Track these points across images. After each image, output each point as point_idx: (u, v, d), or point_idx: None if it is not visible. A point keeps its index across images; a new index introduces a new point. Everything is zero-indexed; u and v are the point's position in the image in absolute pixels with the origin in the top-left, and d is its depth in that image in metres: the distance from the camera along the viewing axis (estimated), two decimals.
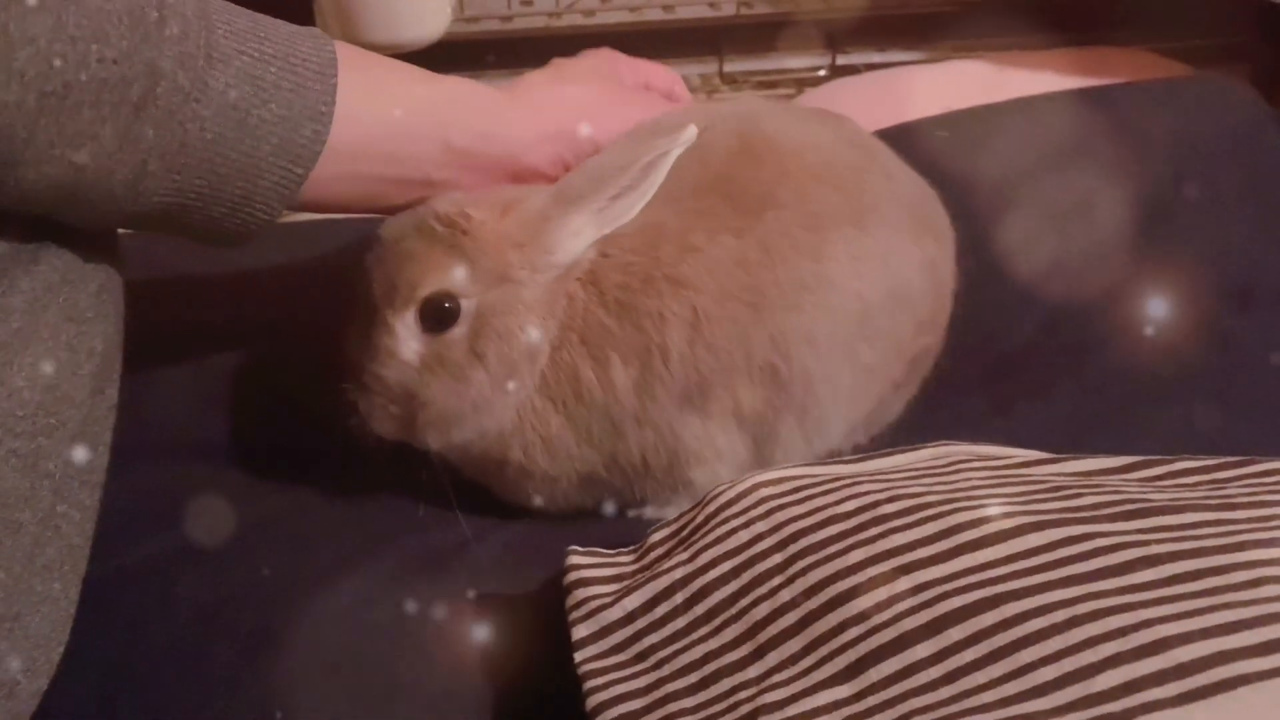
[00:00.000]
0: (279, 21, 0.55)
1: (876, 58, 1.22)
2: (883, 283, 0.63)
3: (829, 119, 0.71)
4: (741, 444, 0.64)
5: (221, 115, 0.51)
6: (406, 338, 0.60)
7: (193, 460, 0.71)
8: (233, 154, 0.52)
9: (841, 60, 1.21)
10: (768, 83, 1.17)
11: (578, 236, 0.61)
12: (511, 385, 0.61)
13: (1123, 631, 0.41)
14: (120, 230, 0.58)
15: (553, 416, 0.62)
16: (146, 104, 0.49)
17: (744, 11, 1.18)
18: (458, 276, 0.60)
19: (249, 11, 0.54)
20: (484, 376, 0.61)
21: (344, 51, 0.57)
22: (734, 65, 1.17)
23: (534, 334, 0.61)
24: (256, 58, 0.52)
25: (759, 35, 1.19)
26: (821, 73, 1.21)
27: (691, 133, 0.60)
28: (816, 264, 0.62)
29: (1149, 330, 0.79)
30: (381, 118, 0.58)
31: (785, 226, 0.61)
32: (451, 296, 0.60)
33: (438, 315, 0.60)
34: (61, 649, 0.56)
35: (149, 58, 0.48)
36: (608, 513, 0.67)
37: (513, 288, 0.60)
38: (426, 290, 0.60)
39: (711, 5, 1.20)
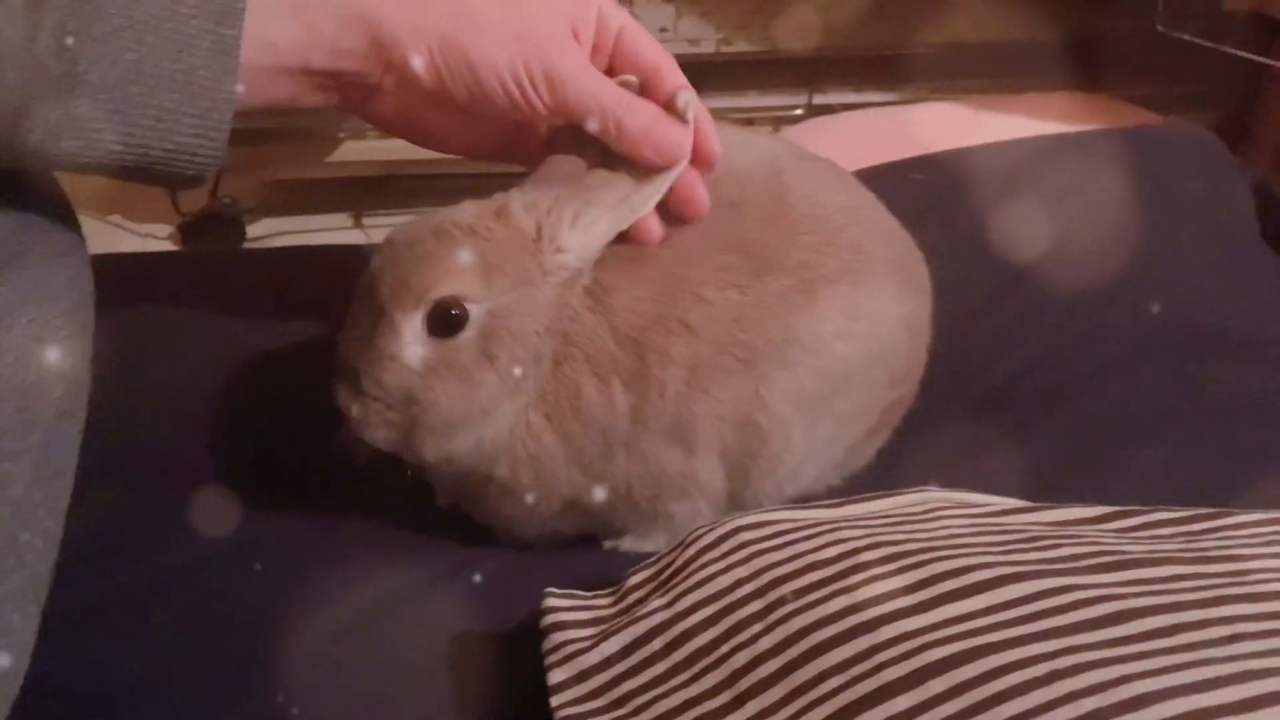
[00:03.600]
0: None
1: (852, 97, 1.24)
2: (867, 344, 0.65)
3: (838, 179, 0.72)
4: (720, 484, 0.65)
5: None
6: (411, 341, 0.59)
7: (166, 487, 0.69)
8: (151, 17, 0.50)
9: (818, 99, 1.23)
10: (746, 120, 1.18)
11: (589, 231, 0.61)
12: (519, 388, 0.61)
13: (1103, 686, 0.41)
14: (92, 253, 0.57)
15: (547, 433, 0.62)
16: None
17: (724, 49, 1.20)
18: (473, 281, 0.59)
19: None
20: (494, 379, 0.60)
21: None
22: (713, 102, 1.18)
23: (545, 336, 0.61)
24: None
25: (738, 73, 1.21)
26: (798, 111, 1.23)
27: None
28: (807, 321, 0.63)
29: (1122, 374, 0.81)
30: None
31: (782, 289, 0.63)
32: (459, 303, 0.59)
33: (445, 320, 0.59)
34: (19, 683, 0.54)
35: None
36: (585, 542, 0.67)
37: (528, 290, 0.60)
38: (440, 292, 0.58)
39: (692, 42, 1.21)
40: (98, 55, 0.50)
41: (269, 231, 1.13)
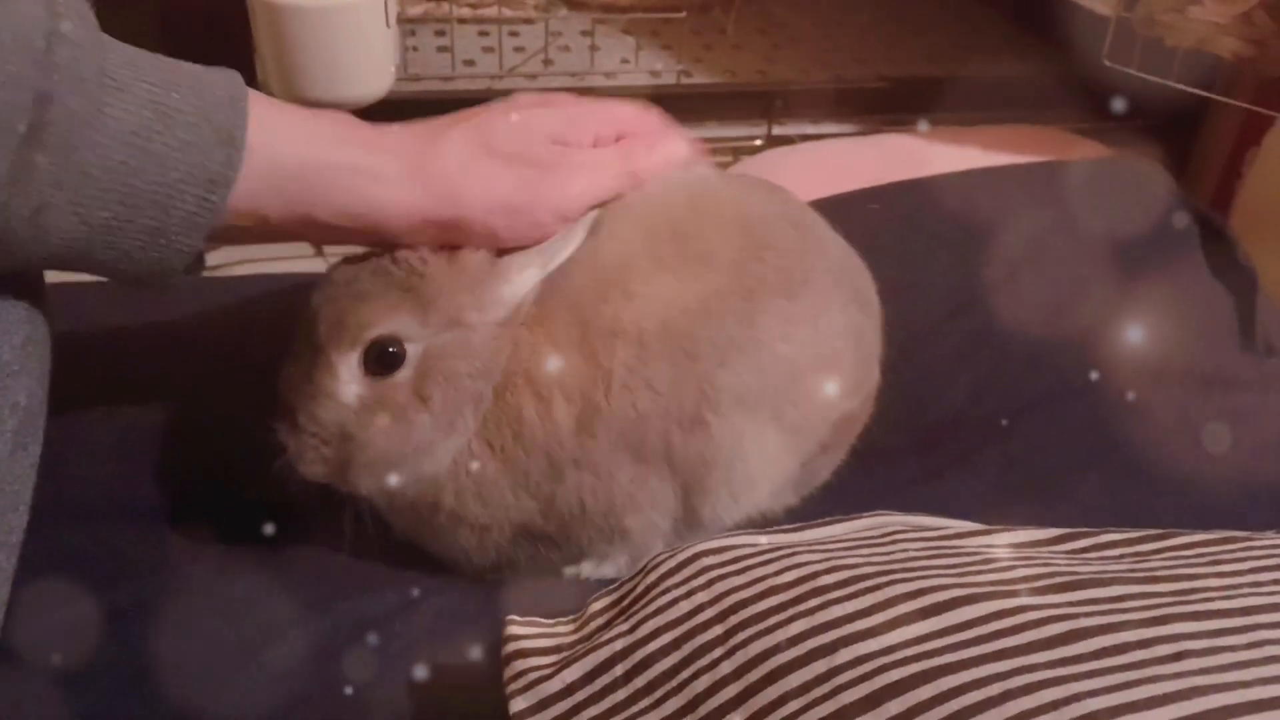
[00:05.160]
0: (183, 62, 0.54)
1: (810, 129, 1.27)
2: (810, 348, 0.65)
3: (772, 192, 0.73)
4: (673, 494, 0.65)
5: (122, 142, 0.49)
6: (348, 379, 0.60)
7: (116, 521, 0.69)
8: (139, 183, 0.50)
9: (777, 130, 1.25)
10: (706, 150, 1.19)
11: (524, 272, 0.61)
12: (454, 429, 0.61)
13: (1055, 705, 0.41)
14: (49, 281, 0.57)
15: (489, 460, 0.62)
16: (37, 131, 0.47)
17: (684, 80, 1.22)
18: (409, 320, 0.59)
19: (148, 52, 0.53)
20: (428, 419, 0.60)
21: (256, 93, 0.56)
22: None
23: (480, 379, 0.61)
24: (157, 85, 0.51)
25: (699, 104, 1.23)
26: (758, 142, 1.25)
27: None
28: (749, 329, 0.63)
29: (1067, 401, 0.83)
30: (297, 155, 0.56)
31: (721, 292, 0.63)
32: (397, 341, 0.59)
33: (381, 359, 0.59)
34: None
35: (37, 84, 0.46)
36: (542, 569, 0.66)
37: (463, 332, 0.60)
38: (375, 332, 0.59)
39: (653, 74, 1.23)
40: (69, 222, 0.50)
41: (228, 259, 1.11)
